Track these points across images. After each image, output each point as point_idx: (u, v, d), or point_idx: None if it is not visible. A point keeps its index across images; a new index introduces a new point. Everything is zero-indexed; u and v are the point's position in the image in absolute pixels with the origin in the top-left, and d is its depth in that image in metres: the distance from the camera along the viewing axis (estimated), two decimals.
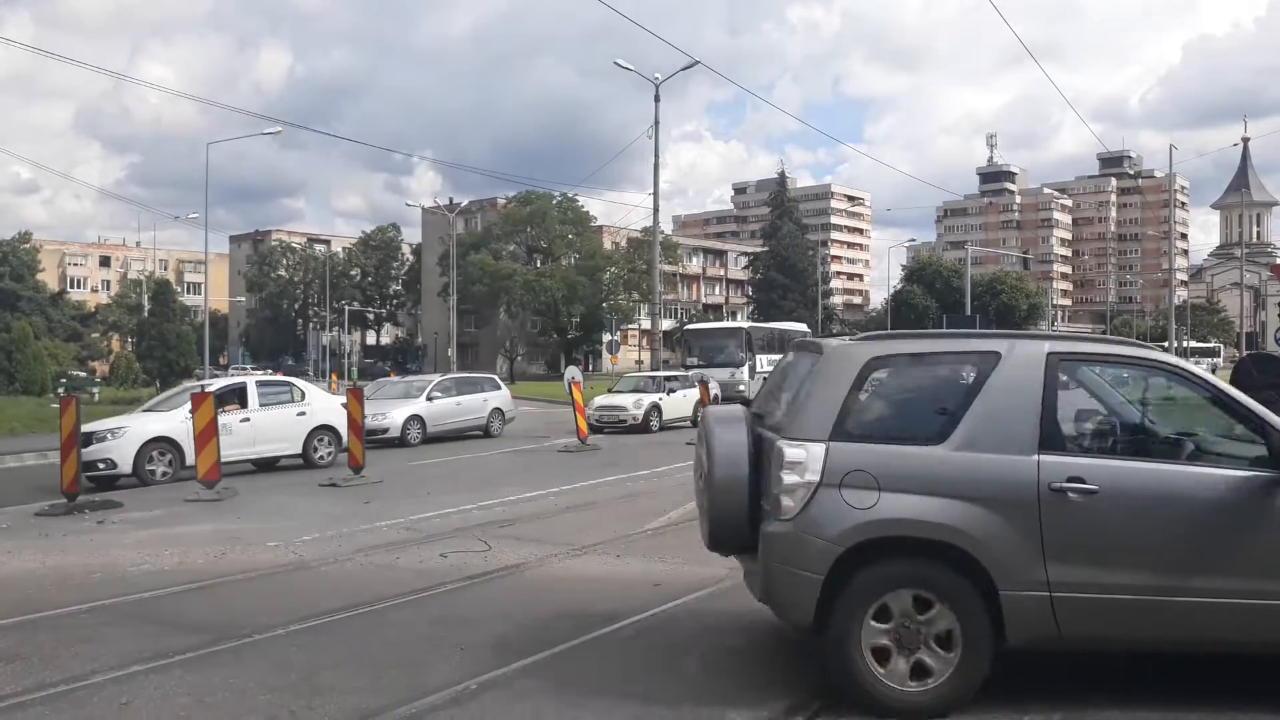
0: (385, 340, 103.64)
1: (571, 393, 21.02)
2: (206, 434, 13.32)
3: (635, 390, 26.38)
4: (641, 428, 24.66)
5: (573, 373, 24.52)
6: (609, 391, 27.40)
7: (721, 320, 55.34)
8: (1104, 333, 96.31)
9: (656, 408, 25.19)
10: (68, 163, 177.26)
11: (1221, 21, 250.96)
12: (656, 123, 34.78)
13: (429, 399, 22.52)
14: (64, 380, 43.86)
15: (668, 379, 27.46)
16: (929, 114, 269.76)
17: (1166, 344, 62.67)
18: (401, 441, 21.21)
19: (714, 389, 30.08)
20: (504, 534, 10.25)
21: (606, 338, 51.75)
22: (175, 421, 15.52)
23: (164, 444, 15.52)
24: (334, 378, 56.64)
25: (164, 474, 15.37)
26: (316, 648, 6.32)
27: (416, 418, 21.95)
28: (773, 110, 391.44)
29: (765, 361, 35.55)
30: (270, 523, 11.27)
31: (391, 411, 21.55)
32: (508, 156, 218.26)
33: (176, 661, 5.93)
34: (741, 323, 44.92)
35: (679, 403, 26.36)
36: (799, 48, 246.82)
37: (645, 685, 5.46)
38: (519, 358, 76.62)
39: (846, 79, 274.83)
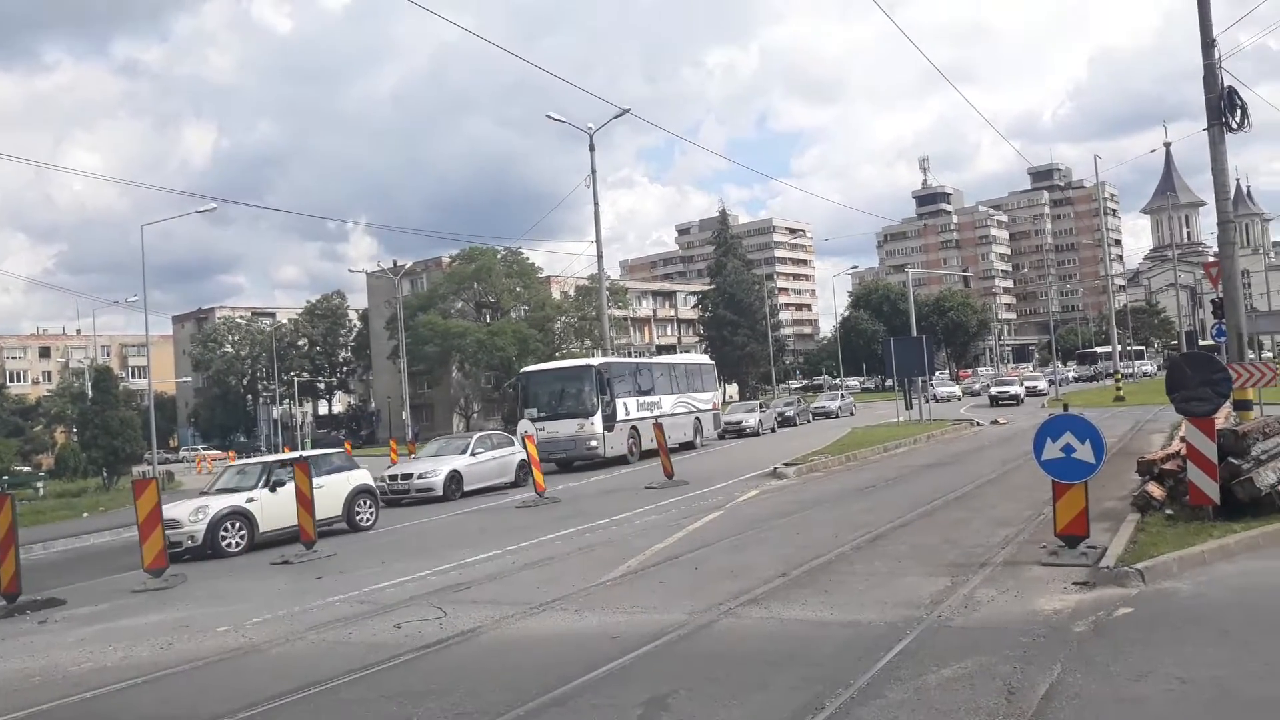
0: (338, 409, 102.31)
1: (525, 446, 20.84)
2: (151, 521, 12.99)
3: (224, 489, 17.22)
4: (201, 550, 15.42)
5: (525, 426, 24.08)
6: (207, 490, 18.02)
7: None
8: (1049, 343, 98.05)
9: (240, 516, 16.04)
10: None
11: (1122, 34, 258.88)
12: (593, 171, 35.00)
13: None
14: (5, 477, 42.68)
15: (277, 465, 17.62)
16: (853, 142, 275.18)
17: (1111, 348, 63.83)
18: None
19: (515, 452, 23.90)
20: (460, 598, 10.07)
21: None
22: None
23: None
24: (286, 451, 55.83)
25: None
26: None
27: None
28: (701, 151, 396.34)
29: (634, 407, 29.19)
30: (220, 607, 10.97)
31: None
32: (442, 214, 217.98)
33: None
34: (593, 359, 34.44)
35: (290, 503, 15.41)
36: (719, 89, 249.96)
37: None
38: (475, 414, 76.03)
39: (769, 115, 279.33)
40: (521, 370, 32.68)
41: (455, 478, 22.60)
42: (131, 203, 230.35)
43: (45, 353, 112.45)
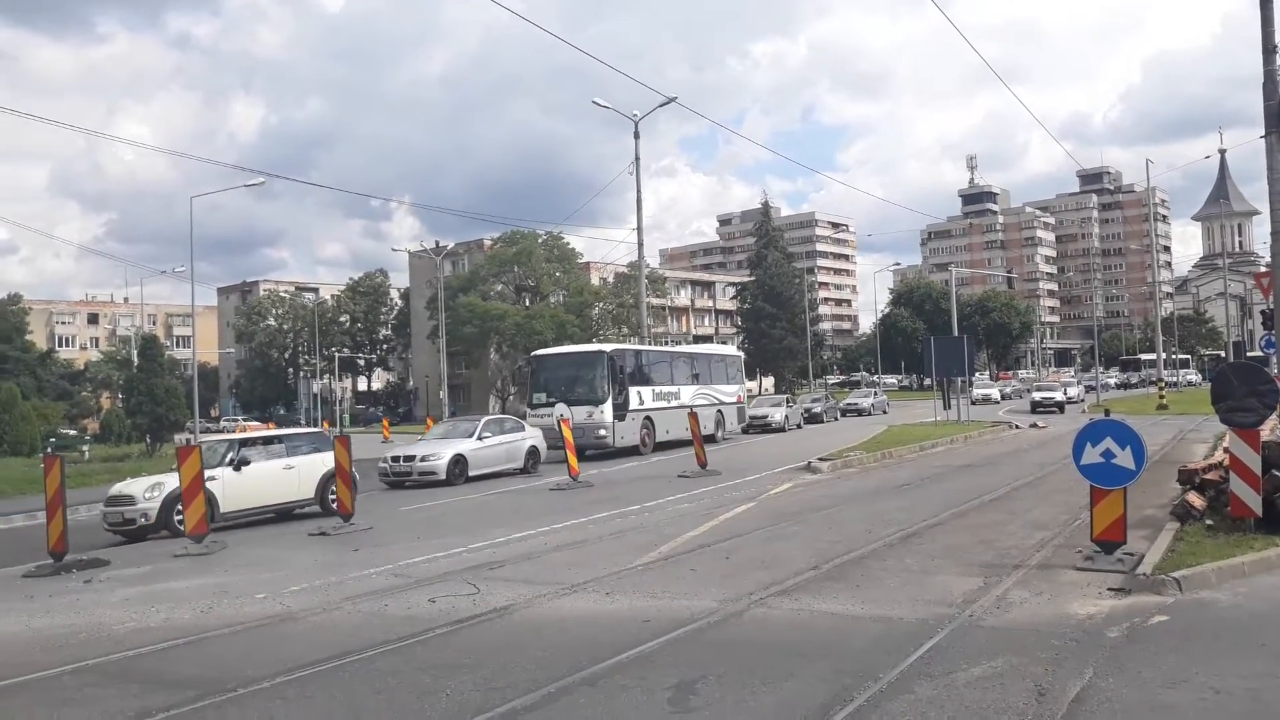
0: (377, 385, 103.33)
1: (560, 429, 20.97)
2: (193, 488, 13.26)
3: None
4: (154, 528, 15.07)
5: (561, 409, 24.16)
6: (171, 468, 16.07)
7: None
8: (1091, 349, 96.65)
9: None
10: (46, 222, 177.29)
11: (1177, 36, 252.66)
12: (637, 159, 35.04)
13: None
14: (52, 440, 43.64)
15: (243, 443, 17.36)
16: (899, 138, 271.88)
17: (1156, 355, 62.65)
18: None
19: (525, 438, 23.85)
20: (493, 576, 10.19)
21: None
22: None
23: None
24: (325, 425, 56.56)
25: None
26: (302, 700, 6.28)
27: None
28: (745, 142, 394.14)
29: (649, 396, 28.67)
30: (258, 574, 11.19)
31: None
32: (485, 197, 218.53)
33: None
34: (605, 345, 34.54)
35: (256, 484, 16.22)
36: (765, 80, 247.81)
37: None
38: (511, 397, 76.42)
39: (815, 108, 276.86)
40: (532, 353, 32.25)
41: (459, 461, 21.94)
42: (180, 174, 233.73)
43: (94, 319, 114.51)
